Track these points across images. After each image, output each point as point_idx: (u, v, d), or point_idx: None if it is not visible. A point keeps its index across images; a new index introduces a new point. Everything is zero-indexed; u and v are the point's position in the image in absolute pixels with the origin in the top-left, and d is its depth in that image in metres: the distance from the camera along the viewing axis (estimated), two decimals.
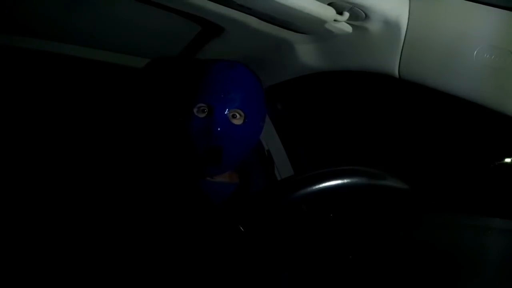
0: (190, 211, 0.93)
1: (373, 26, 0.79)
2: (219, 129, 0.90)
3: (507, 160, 1.07)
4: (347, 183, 0.61)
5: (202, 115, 0.93)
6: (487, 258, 0.64)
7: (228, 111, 0.92)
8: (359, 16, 0.77)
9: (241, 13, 0.82)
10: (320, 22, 0.79)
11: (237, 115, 0.94)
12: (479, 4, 0.69)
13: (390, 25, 0.78)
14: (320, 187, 0.60)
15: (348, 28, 0.84)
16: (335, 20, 0.79)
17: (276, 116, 1.36)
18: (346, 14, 0.77)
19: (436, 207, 0.77)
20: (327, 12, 0.76)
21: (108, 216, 0.96)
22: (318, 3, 0.74)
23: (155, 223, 0.90)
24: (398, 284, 0.71)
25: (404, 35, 0.78)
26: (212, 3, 0.77)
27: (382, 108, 1.30)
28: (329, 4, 0.75)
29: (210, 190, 0.97)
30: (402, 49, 0.79)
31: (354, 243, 0.90)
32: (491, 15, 0.68)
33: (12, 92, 1.34)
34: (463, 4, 0.70)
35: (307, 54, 0.98)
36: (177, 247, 0.88)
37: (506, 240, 0.65)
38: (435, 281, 0.66)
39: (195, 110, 0.94)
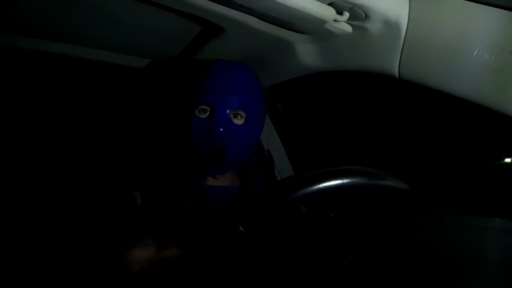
0: (192, 214, 0.93)
1: (373, 26, 0.79)
2: (221, 129, 0.90)
3: (507, 160, 1.07)
4: (347, 183, 0.61)
5: (203, 116, 0.93)
6: (487, 258, 0.64)
7: (229, 111, 0.92)
8: (359, 16, 0.77)
9: (241, 13, 0.82)
10: (320, 22, 0.79)
11: (239, 115, 0.94)
12: (479, 4, 0.69)
13: (390, 25, 0.78)
14: (320, 187, 0.60)
15: (348, 28, 0.84)
16: (335, 20, 0.79)
17: (276, 116, 1.36)
18: (346, 14, 0.77)
19: (436, 207, 0.77)
20: (327, 12, 0.76)
21: (108, 218, 0.96)
22: (318, 3, 0.74)
23: (155, 224, 0.90)
24: (398, 284, 0.71)
25: (404, 35, 0.78)
26: (212, 3, 0.77)
27: (382, 108, 1.30)
28: (329, 4, 0.75)
29: (213, 194, 0.97)
30: (402, 49, 0.79)
31: (354, 243, 0.90)
32: (491, 15, 0.68)
33: (12, 92, 1.34)
34: (463, 4, 0.70)
35: (307, 54, 0.98)
36: (177, 248, 0.88)
37: (506, 240, 0.65)
38: (435, 281, 0.66)
39: (196, 111, 0.94)
